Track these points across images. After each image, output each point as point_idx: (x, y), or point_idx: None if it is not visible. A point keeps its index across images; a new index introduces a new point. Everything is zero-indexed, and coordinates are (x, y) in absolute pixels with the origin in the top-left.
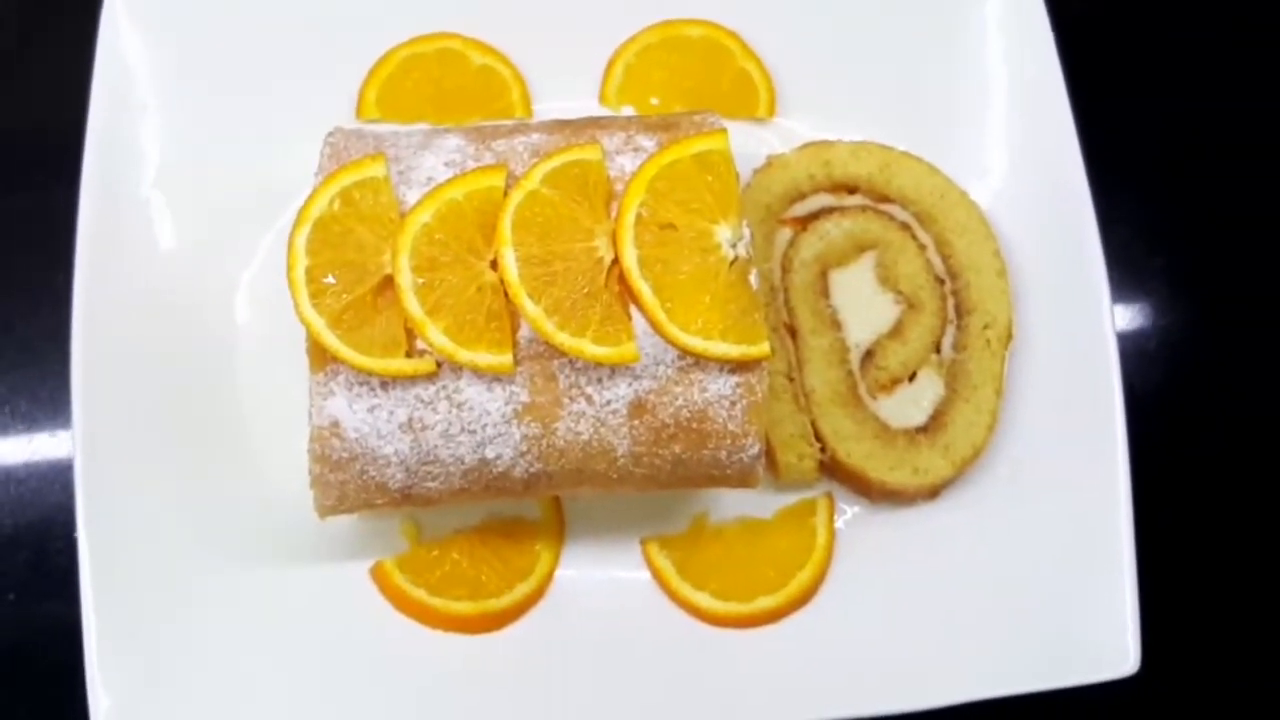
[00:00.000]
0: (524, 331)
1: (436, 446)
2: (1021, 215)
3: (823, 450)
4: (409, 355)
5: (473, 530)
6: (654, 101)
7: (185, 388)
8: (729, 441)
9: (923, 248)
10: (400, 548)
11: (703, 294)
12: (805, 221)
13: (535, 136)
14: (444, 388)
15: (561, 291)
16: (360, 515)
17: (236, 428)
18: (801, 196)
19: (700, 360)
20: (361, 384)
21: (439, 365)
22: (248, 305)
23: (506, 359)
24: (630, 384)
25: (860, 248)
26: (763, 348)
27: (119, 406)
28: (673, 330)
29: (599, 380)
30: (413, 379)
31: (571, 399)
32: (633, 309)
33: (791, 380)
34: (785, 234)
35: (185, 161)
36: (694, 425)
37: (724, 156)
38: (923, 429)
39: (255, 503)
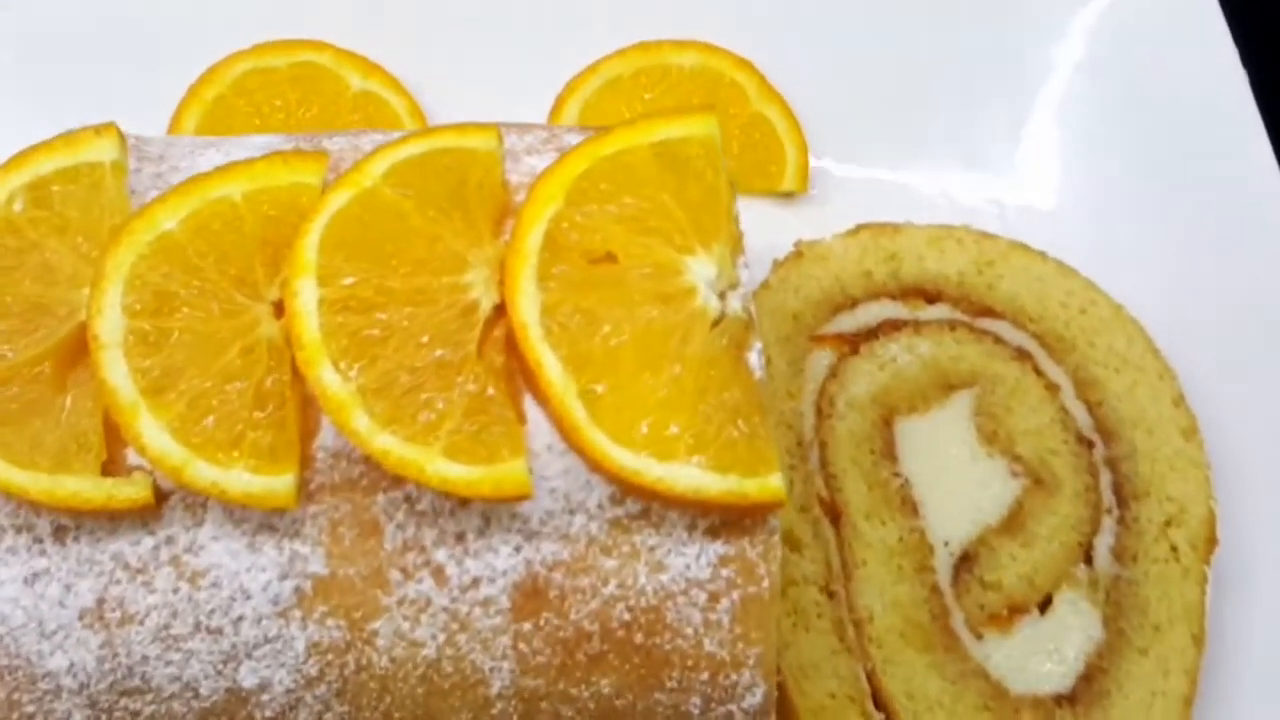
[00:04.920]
0: (325, 435)
1: (148, 659)
2: (1218, 340)
3: None
4: (108, 472)
5: None
6: None
7: None
8: (706, 674)
9: (1053, 389)
10: None
11: (657, 373)
12: (856, 341)
13: (399, 135)
14: (169, 540)
15: (396, 359)
16: None
17: None
18: (851, 303)
19: (654, 503)
20: (18, 528)
21: (161, 493)
22: None
23: (285, 482)
24: (518, 547)
25: (948, 385)
26: (771, 482)
27: None
28: (599, 441)
29: (460, 536)
30: (111, 518)
31: (406, 572)
32: (527, 399)
33: (832, 595)
34: (823, 358)
35: None
36: (638, 637)
37: (707, 148)
38: (1068, 698)
39: None
